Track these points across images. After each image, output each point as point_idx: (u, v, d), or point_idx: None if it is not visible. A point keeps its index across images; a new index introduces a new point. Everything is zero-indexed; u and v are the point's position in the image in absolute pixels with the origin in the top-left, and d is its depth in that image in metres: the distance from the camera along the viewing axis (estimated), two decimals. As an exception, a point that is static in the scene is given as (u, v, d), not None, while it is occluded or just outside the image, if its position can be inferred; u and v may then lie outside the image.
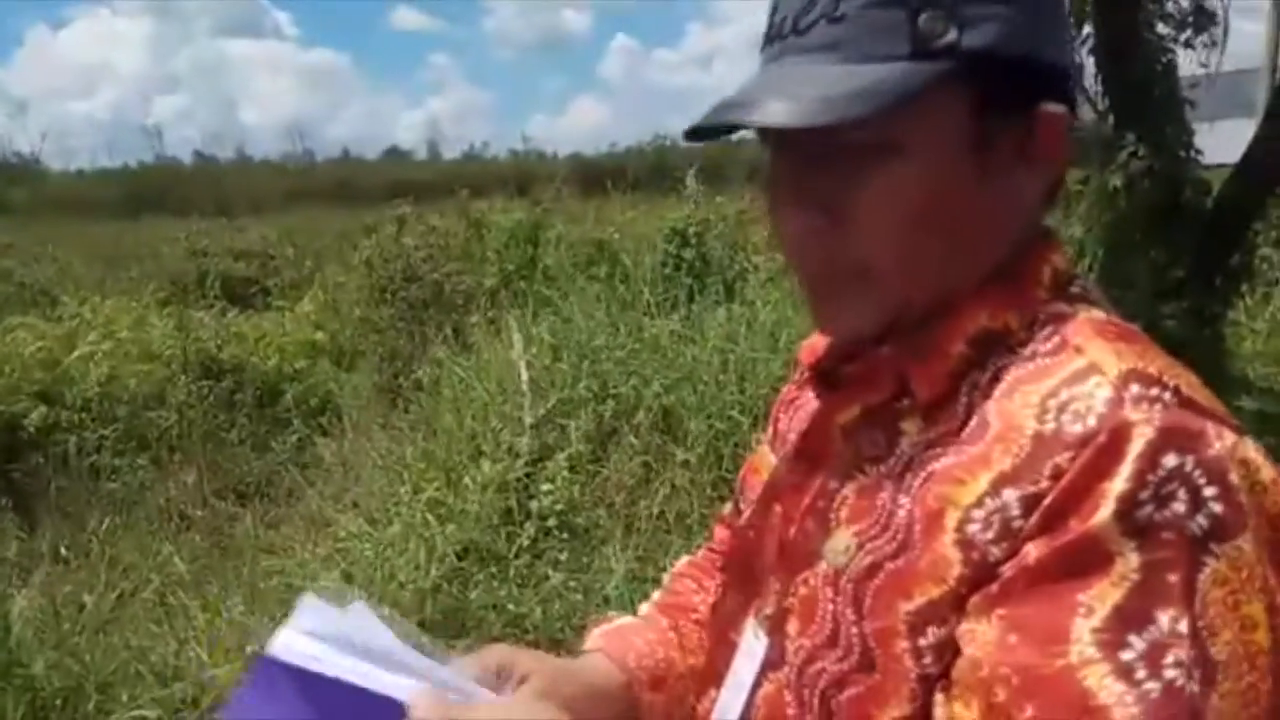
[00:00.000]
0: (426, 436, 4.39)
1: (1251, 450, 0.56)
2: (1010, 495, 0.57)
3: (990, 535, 0.57)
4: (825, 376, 0.76)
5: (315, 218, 15.24)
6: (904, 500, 0.62)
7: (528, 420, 4.20)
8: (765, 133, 0.67)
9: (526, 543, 3.57)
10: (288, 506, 4.71)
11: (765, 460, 0.83)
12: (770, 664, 0.69)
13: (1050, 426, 0.57)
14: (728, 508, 0.98)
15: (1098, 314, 0.65)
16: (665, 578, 0.97)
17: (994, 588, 0.56)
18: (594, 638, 0.87)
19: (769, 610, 0.71)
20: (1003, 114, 0.63)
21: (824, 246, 0.65)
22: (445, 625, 2.90)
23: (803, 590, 0.67)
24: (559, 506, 3.73)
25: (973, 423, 0.61)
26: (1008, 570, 0.56)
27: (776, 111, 0.61)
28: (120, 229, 16.07)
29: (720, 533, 0.98)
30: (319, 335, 7.37)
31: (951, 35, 0.61)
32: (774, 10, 0.67)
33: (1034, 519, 0.56)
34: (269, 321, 7.82)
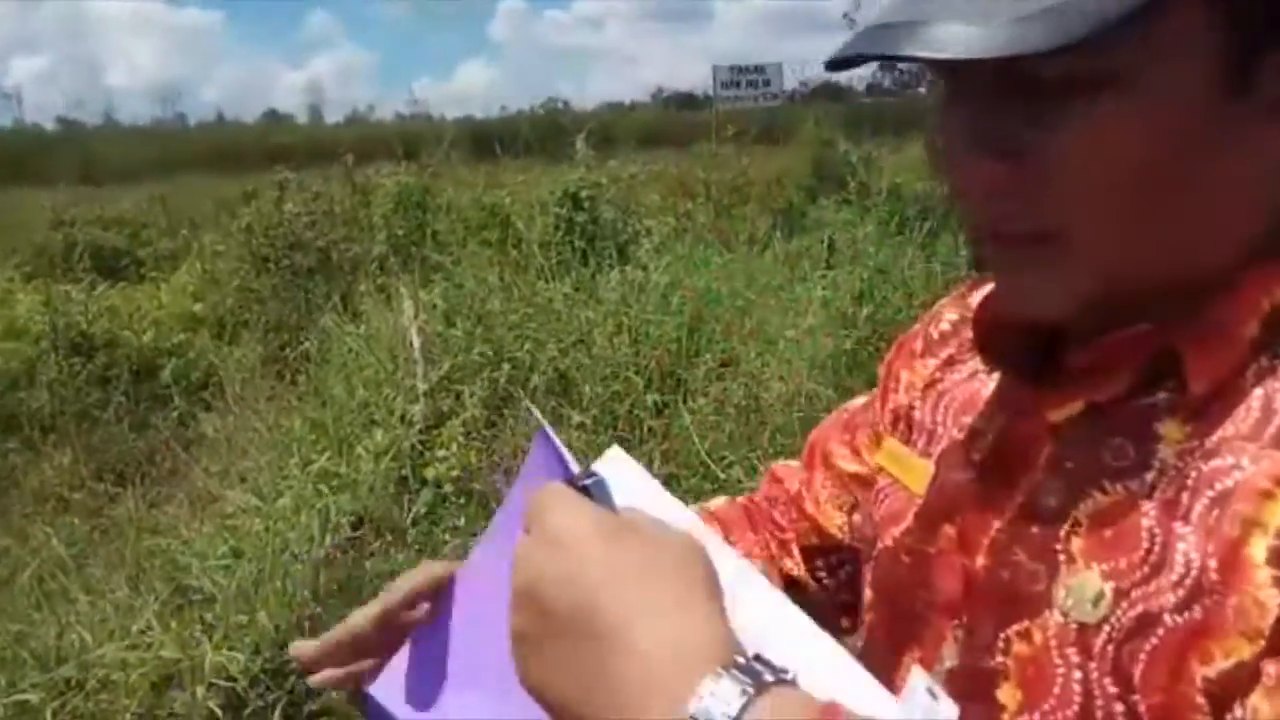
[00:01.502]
0: (315, 407, 4.31)
1: None
2: None
3: None
4: (1023, 358, 0.58)
5: (189, 185, 14.60)
6: (1184, 529, 0.46)
7: (421, 387, 4.16)
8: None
9: (423, 510, 3.55)
10: (171, 485, 4.55)
11: (898, 456, 0.66)
12: None
13: None
14: (790, 465, 0.82)
15: None
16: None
17: None
18: None
19: (951, 664, 0.55)
20: (1268, 36, 0.46)
21: (1004, 203, 0.50)
22: (340, 595, 2.87)
23: (1022, 648, 0.51)
24: (455, 473, 3.72)
25: (1277, 420, 0.46)
26: None
27: (956, 39, 0.45)
28: (-24, 199, 15.09)
29: (773, 487, 0.82)
30: (198, 307, 7.10)
31: None
32: None
33: None
34: (143, 294, 7.49)
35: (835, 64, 0.52)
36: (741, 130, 9.69)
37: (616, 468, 0.56)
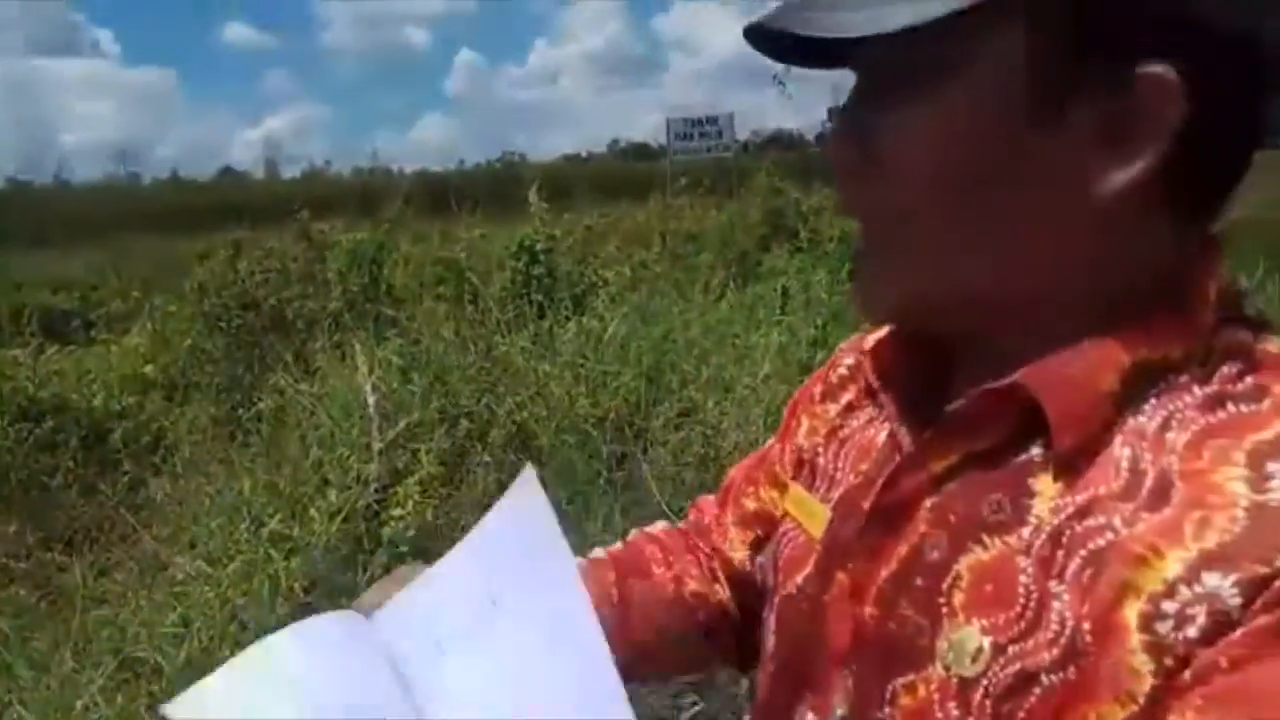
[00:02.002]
0: (268, 469, 4.24)
1: None
2: (1220, 580, 0.42)
3: (1193, 633, 0.42)
4: (905, 402, 0.60)
5: (142, 245, 14.44)
6: (1058, 588, 0.47)
7: (376, 445, 4.11)
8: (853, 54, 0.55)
9: (379, 571, 3.49)
10: (120, 552, 4.45)
11: (801, 501, 0.67)
12: None
13: (1276, 496, 0.44)
14: (710, 498, 0.85)
15: None
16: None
17: (1188, 675, 0.42)
18: None
19: (843, 713, 0.56)
20: (1078, 68, 0.47)
21: (854, 183, 0.54)
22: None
23: (907, 700, 0.51)
24: (411, 532, 3.67)
25: (1147, 482, 0.46)
26: (1211, 652, 0.42)
27: (826, 22, 0.49)
28: (-79, 262, 14.81)
29: (695, 515, 0.84)
30: (149, 369, 6.99)
31: None
32: None
33: (1258, 602, 0.41)
34: (93, 357, 7.36)
35: (751, 37, 0.55)
36: (695, 180, 9.82)
37: (521, 501, 0.57)
